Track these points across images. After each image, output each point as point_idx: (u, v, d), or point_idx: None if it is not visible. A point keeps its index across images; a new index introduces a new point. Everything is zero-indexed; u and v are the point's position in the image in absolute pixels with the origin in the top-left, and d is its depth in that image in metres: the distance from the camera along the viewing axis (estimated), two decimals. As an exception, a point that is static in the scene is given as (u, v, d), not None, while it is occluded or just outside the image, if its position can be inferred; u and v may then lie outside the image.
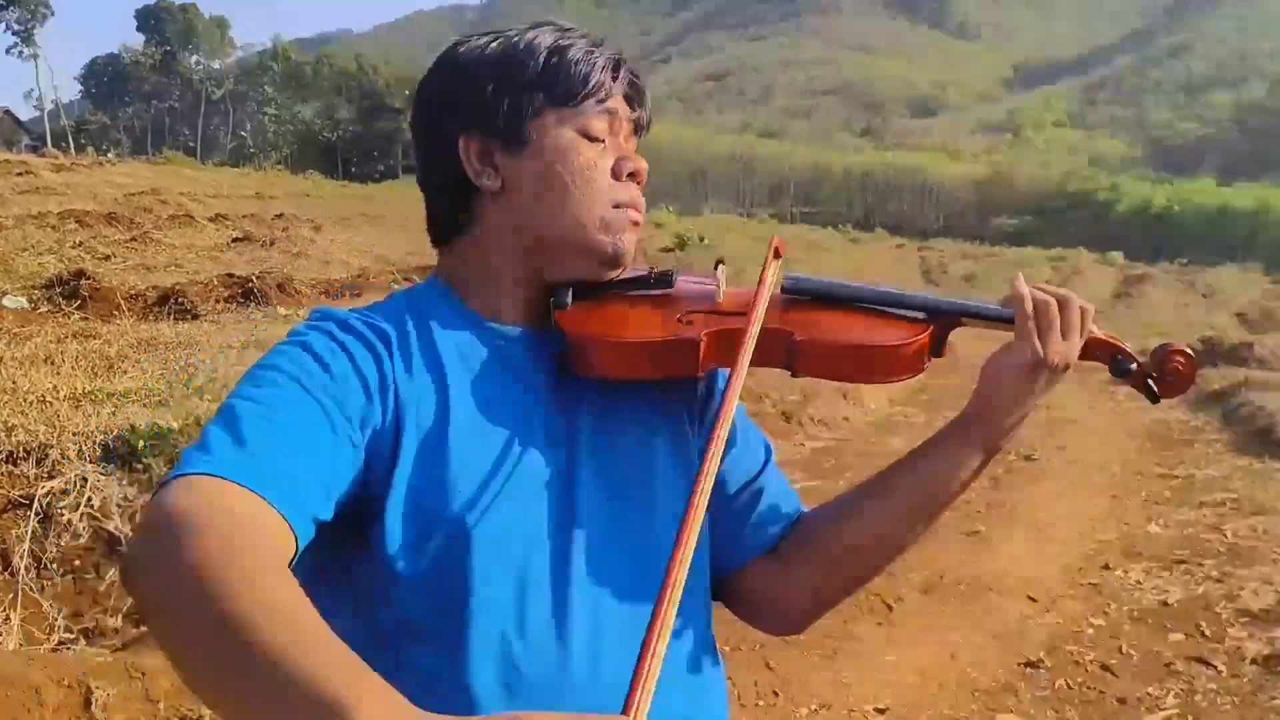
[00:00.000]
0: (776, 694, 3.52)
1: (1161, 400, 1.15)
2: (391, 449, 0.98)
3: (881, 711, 3.47)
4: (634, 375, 1.09)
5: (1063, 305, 1.09)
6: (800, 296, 1.16)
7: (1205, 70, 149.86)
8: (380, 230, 22.61)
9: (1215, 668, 3.90)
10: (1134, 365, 1.12)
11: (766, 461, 1.23)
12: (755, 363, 1.06)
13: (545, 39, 1.09)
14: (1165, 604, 4.59)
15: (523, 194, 1.08)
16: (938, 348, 1.13)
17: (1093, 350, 1.12)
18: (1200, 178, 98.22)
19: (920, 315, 1.13)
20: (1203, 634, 4.24)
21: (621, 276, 1.14)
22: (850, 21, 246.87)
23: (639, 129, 1.14)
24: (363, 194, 35.26)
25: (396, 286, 12.73)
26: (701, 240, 27.74)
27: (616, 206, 1.09)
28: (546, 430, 1.05)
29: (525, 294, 1.11)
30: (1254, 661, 3.93)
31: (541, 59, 1.08)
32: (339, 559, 0.99)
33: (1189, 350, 1.13)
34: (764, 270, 1.10)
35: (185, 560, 0.76)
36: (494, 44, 1.10)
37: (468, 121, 1.09)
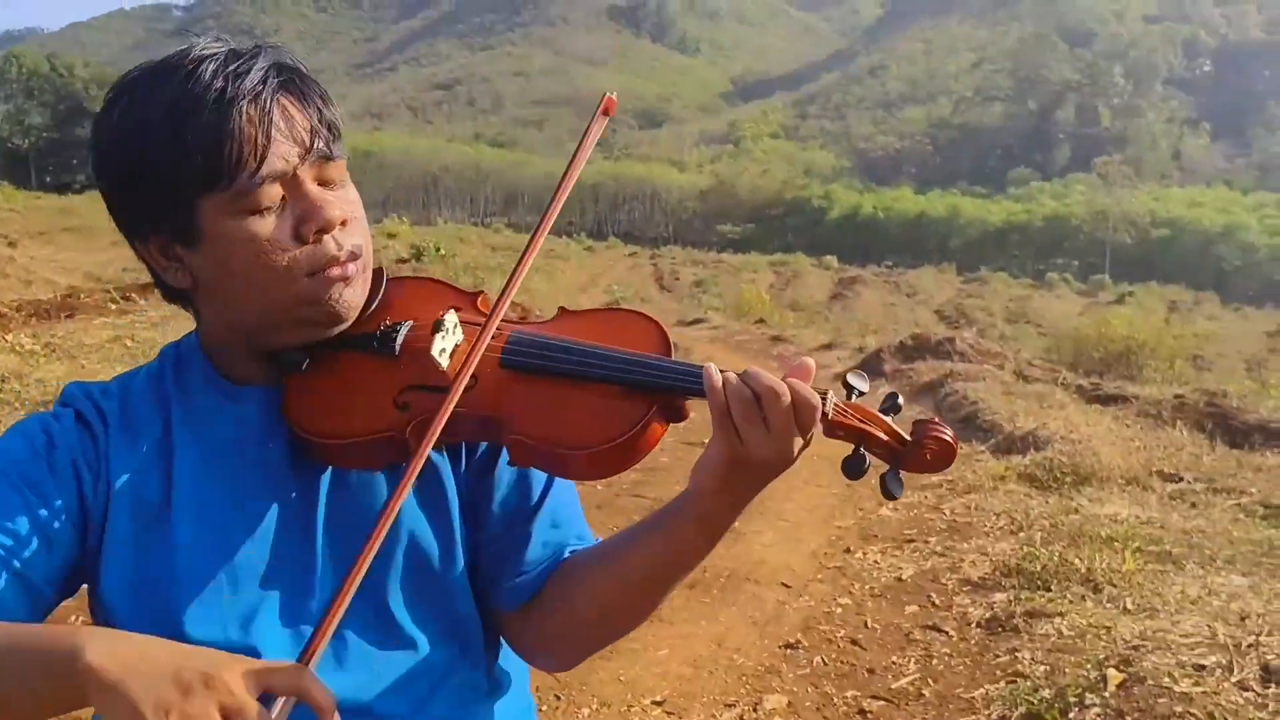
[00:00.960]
0: (559, 697, 3.60)
1: (899, 490, 1.03)
2: (100, 526, 1.00)
3: (659, 704, 3.62)
4: (351, 467, 1.06)
5: (765, 402, 0.96)
6: (521, 365, 1.05)
7: (900, 88, 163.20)
8: (88, 245, 20.93)
9: (947, 633, 4.31)
10: (866, 462, 1.02)
11: (545, 493, 1.16)
12: (468, 440, 1.07)
13: (167, 105, 0.94)
14: (900, 579, 5.02)
15: (212, 286, 1.01)
16: (675, 415, 1.05)
17: (834, 433, 1.02)
18: (900, 187, 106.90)
19: (645, 385, 1.03)
20: (934, 604, 4.68)
21: (352, 330, 1.06)
22: (577, 33, 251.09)
23: (326, 153, 1.00)
24: (61, 206, 32.59)
25: (113, 306, 11.86)
26: (438, 250, 27.49)
27: (312, 274, 1.00)
28: (282, 500, 1.04)
29: (259, 359, 1.06)
30: (978, 625, 4.38)
31: (174, 140, 0.94)
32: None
33: (948, 438, 1.03)
34: (589, 126, 1.06)
35: None
36: (129, 114, 0.97)
37: (137, 225, 1.01)
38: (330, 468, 1.06)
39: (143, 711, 0.76)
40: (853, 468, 1.02)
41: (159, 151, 0.94)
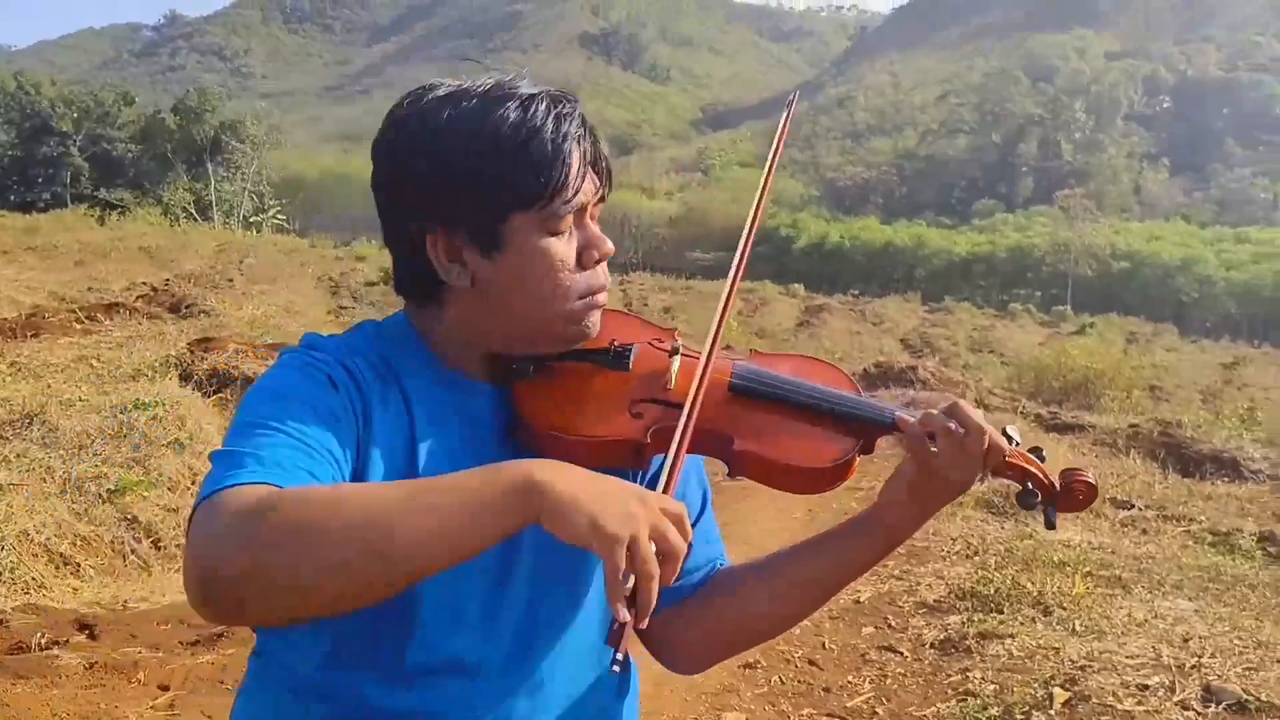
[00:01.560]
0: (521, 714, 3.68)
1: (1056, 522, 1.21)
2: (363, 468, 1.06)
3: None
4: (589, 465, 1.12)
5: (971, 434, 1.12)
6: (750, 390, 1.19)
7: (867, 119, 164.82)
8: (52, 264, 20.76)
9: (902, 654, 4.42)
10: (1038, 497, 1.19)
11: (702, 510, 1.31)
12: (699, 451, 1.17)
13: (509, 127, 1.06)
14: (858, 602, 5.13)
15: (492, 293, 1.10)
16: (868, 448, 1.20)
17: (1004, 472, 1.18)
18: (867, 216, 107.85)
19: (861, 421, 1.18)
20: (890, 625, 4.79)
21: (582, 346, 1.17)
22: (549, 59, 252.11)
23: (606, 195, 1.15)
24: (25, 225, 32.30)
25: (78, 326, 11.78)
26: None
27: (582, 297, 1.12)
28: None
29: (490, 359, 1.15)
30: (932, 646, 4.49)
31: (509, 157, 1.05)
32: None
33: (1093, 481, 1.20)
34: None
35: (301, 504, 0.86)
36: (458, 125, 1.06)
37: (437, 218, 1.08)
38: None
39: (604, 524, 0.85)
40: (1025, 501, 1.20)
41: (496, 166, 1.04)
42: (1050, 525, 1.21)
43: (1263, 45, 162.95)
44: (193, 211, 51.51)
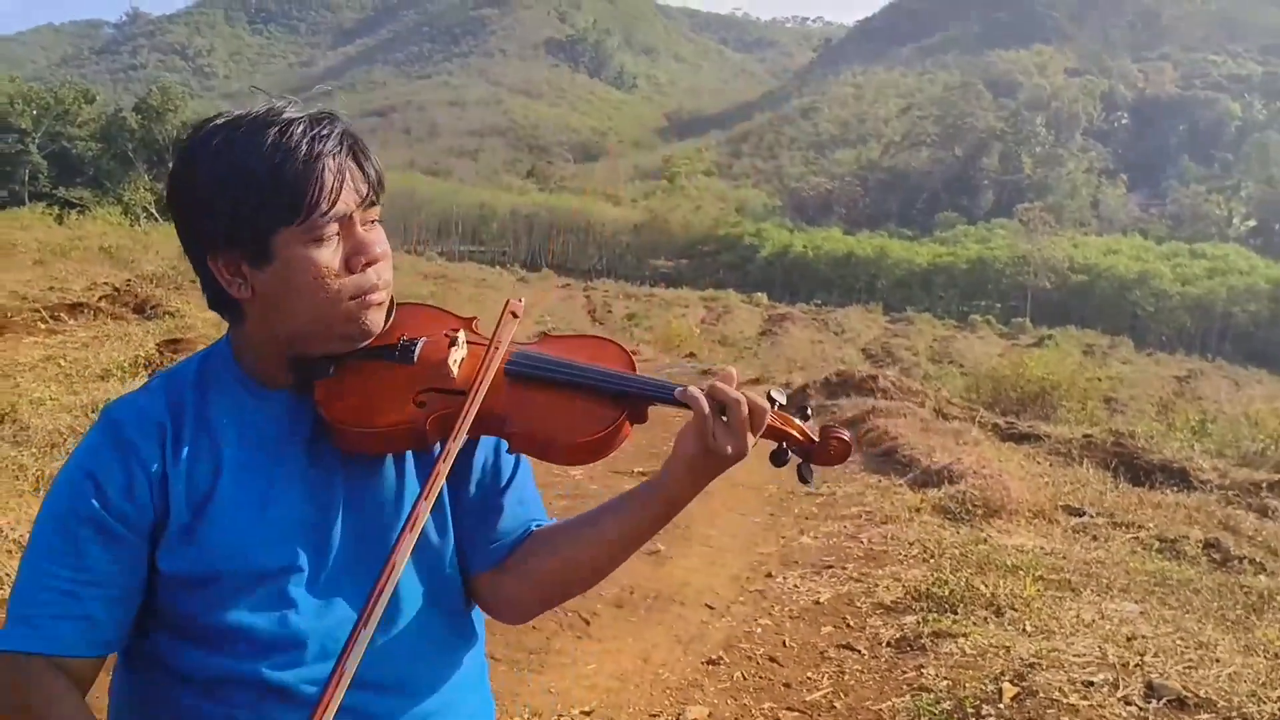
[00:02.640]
0: (491, 708, 3.78)
1: (811, 477, 1.31)
2: (163, 519, 1.23)
3: (587, 714, 3.81)
4: (375, 452, 1.30)
5: (730, 407, 1.23)
6: (523, 374, 1.31)
7: (831, 130, 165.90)
8: (9, 263, 20.45)
9: (859, 652, 4.57)
10: (787, 456, 1.30)
11: (513, 476, 1.42)
12: (476, 435, 1.31)
13: (265, 151, 1.17)
14: (817, 602, 5.27)
15: (270, 300, 1.23)
16: (639, 417, 1.30)
17: (768, 436, 1.29)
18: (830, 227, 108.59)
19: (623, 394, 1.29)
20: (848, 625, 4.94)
21: (373, 343, 1.29)
22: (514, 65, 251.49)
23: (374, 201, 1.26)
24: (-17, 224, 31.72)
25: (43, 326, 11.70)
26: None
27: (354, 298, 1.23)
28: (307, 481, 1.27)
29: (290, 365, 1.28)
30: (888, 644, 4.65)
31: (264, 180, 1.16)
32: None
33: (847, 438, 1.30)
34: (496, 329, 1.31)
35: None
36: (223, 153, 1.18)
37: (212, 243, 1.21)
38: (343, 457, 1.28)
39: None
40: (777, 459, 1.31)
41: (254, 188, 1.16)
42: (803, 480, 1.31)
43: (1217, 65, 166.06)
44: (154, 211, 50.85)
